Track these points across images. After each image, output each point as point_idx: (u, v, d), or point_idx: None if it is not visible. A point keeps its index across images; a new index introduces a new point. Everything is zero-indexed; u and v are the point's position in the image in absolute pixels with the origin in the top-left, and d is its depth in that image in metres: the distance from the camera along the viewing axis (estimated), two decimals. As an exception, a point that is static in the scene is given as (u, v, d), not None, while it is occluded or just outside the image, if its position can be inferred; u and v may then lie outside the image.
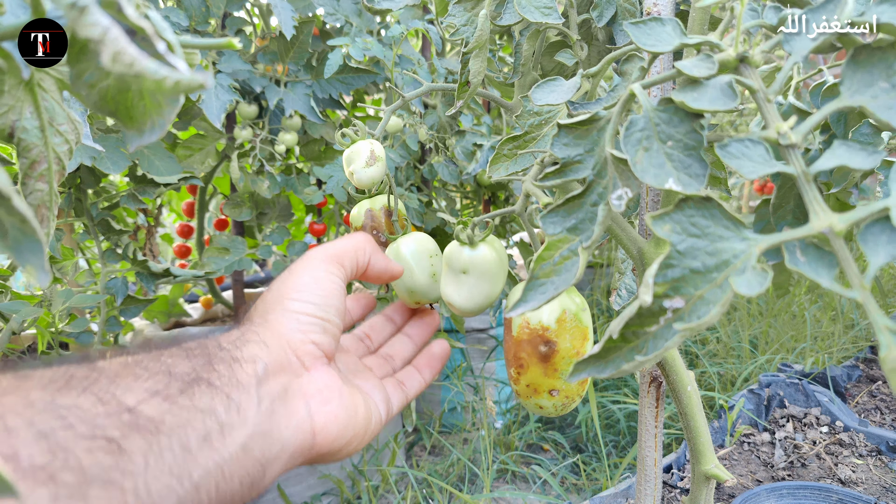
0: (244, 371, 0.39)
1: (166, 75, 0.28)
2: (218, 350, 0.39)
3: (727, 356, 2.16)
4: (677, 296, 0.27)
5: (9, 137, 0.44)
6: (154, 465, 0.31)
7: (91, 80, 0.31)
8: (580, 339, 0.49)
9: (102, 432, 0.30)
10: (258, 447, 0.38)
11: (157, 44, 0.28)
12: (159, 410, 0.33)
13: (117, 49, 0.26)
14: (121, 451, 0.30)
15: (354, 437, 0.46)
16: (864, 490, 1.06)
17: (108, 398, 0.31)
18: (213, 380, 0.37)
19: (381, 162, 0.58)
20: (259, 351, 0.41)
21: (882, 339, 0.22)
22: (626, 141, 0.31)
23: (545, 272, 0.35)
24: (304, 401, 0.43)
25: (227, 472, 0.35)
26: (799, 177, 0.27)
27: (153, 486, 0.31)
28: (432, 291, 0.61)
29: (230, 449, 0.36)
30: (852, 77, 0.29)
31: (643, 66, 0.40)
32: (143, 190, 1.48)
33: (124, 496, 0.29)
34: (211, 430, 0.35)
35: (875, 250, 0.23)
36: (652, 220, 0.28)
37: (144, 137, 0.34)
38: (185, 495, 0.32)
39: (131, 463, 0.30)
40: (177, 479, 0.32)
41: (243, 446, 0.36)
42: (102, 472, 0.29)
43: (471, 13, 0.63)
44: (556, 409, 0.51)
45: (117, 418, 0.31)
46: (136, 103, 0.32)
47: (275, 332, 0.43)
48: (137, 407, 0.32)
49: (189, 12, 1.34)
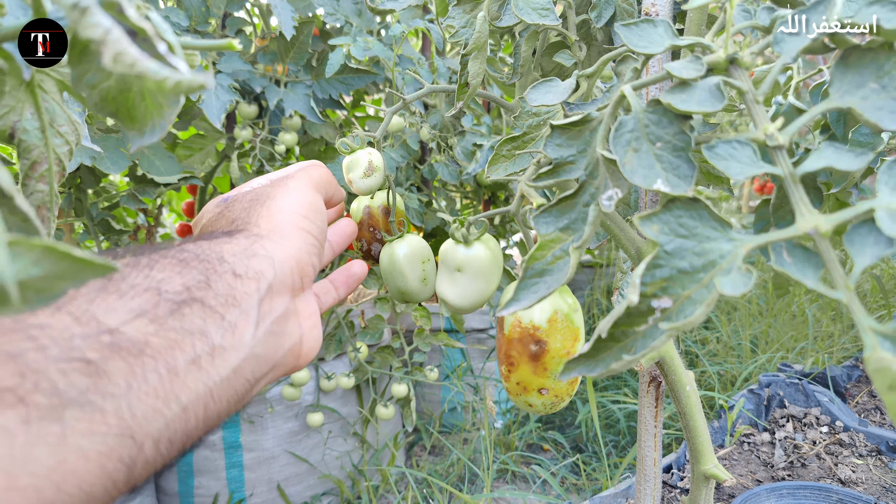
0: (245, 288, 0.36)
1: (167, 76, 0.28)
2: (219, 264, 0.36)
3: (727, 356, 2.16)
4: (665, 295, 0.27)
5: (9, 138, 0.45)
6: (137, 388, 0.29)
7: (92, 82, 0.31)
8: (571, 339, 0.50)
9: (79, 354, 0.28)
10: (250, 369, 0.36)
11: (158, 45, 0.28)
12: (144, 332, 0.31)
13: (119, 50, 0.26)
14: (100, 372, 0.28)
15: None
16: (864, 490, 1.06)
17: (87, 318, 0.29)
18: (207, 299, 0.34)
19: (378, 172, 0.59)
20: (266, 267, 0.39)
21: (866, 340, 0.22)
22: (616, 142, 0.31)
23: (537, 271, 0.35)
24: (299, 323, 0.42)
25: (217, 395, 0.34)
26: (786, 178, 0.27)
27: (137, 408, 0.29)
28: (422, 294, 0.63)
29: (221, 372, 0.34)
30: (842, 78, 0.30)
31: (636, 67, 0.40)
32: (143, 190, 1.48)
33: (105, 417, 0.28)
34: (201, 353, 0.33)
35: (861, 251, 0.23)
36: (640, 220, 0.28)
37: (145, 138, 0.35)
38: (172, 417, 0.31)
39: (112, 385, 0.28)
40: (163, 401, 0.30)
41: (235, 369, 0.35)
42: (79, 394, 0.27)
43: (470, 15, 0.63)
44: (546, 408, 0.52)
45: (96, 339, 0.29)
46: (137, 104, 0.32)
47: (284, 249, 0.41)
48: (120, 328, 0.30)
49: (189, 12, 1.35)
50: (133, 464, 0.29)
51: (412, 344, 1.72)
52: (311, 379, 1.65)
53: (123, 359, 0.29)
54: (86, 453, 0.27)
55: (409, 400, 1.67)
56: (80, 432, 0.27)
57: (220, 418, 0.35)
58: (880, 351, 0.21)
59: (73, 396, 0.27)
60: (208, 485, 1.59)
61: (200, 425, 0.33)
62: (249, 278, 0.37)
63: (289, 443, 1.65)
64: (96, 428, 0.27)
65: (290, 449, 1.65)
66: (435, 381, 1.72)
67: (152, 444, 0.30)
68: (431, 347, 1.97)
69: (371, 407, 1.73)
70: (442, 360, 2.11)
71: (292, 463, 1.66)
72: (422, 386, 2.14)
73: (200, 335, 0.33)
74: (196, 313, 0.33)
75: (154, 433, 0.30)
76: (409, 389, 1.66)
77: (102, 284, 0.31)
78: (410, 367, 1.71)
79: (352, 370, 1.67)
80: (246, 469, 1.61)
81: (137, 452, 0.29)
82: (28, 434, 0.25)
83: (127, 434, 0.29)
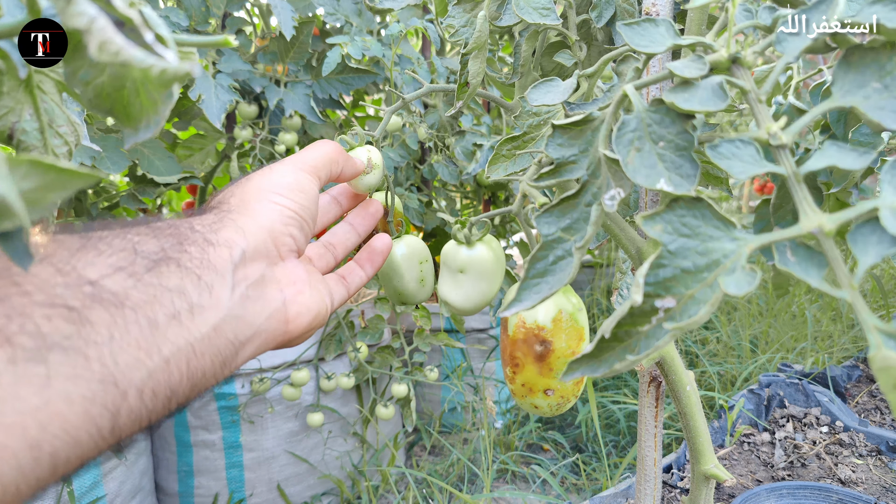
0: (218, 254, 0.38)
1: (153, 64, 0.28)
2: (190, 232, 0.38)
3: (727, 356, 2.16)
4: (668, 295, 0.27)
5: (8, 139, 0.45)
6: (120, 338, 0.30)
7: (86, 78, 0.31)
8: (576, 338, 0.49)
9: (62, 301, 0.29)
10: (231, 329, 0.37)
11: (145, 34, 0.28)
12: (123, 286, 0.32)
13: (104, 38, 0.26)
14: (82, 320, 0.29)
15: (318, 326, 0.47)
16: (864, 490, 1.06)
17: (69, 269, 0.30)
18: (183, 260, 0.35)
19: (378, 169, 0.59)
20: (236, 236, 0.40)
21: (871, 339, 0.22)
22: (618, 141, 0.31)
23: (540, 272, 0.35)
24: (280, 290, 0.43)
25: (199, 350, 0.35)
26: (789, 177, 0.27)
27: (120, 357, 0.30)
28: (419, 295, 0.63)
29: (202, 329, 0.35)
30: (844, 77, 0.30)
31: (638, 66, 0.40)
32: (143, 190, 1.48)
33: (89, 363, 0.29)
34: (180, 309, 0.34)
35: (865, 250, 0.23)
36: (643, 220, 0.28)
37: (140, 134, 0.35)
38: (154, 368, 0.32)
39: (95, 333, 0.29)
40: (145, 352, 0.31)
41: (215, 327, 0.36)
42: (63, 338, 0.28)
43: (470, 14, 0.63)
44: (552, 409, 0.51)
45: (78, 289, 0.30)
46: (131, 100, 0.32)
47: (256, 221, 0.43)
48: (100, 281, 0.31)
49: (189, 12, 1.35)
50: (117, 411, 0.30)
51: (412, 344, 1.72)
52: (311, 379, 1.65)
53: (105, 309, 0.30)
54: (70, 396, 0.28)
55: (409, 400, 1.67)
56: (64, 376, 0.28)
57: (207, 379, 0.36)
58: (885, 350, 0.21)
59: (56, 340, 0.28)
60: (208, 485, 1.59)
61: (185, 381, 0.34)
62: (221, 245, 0.38)
63: (289, 443, 1.65)
64: (80, 373, 0.28)
65: (290, 449, 1.65)
66: (435, 381, 1.72)
67: (136, 394, 0.31)
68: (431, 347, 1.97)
69: (371, 407, 1.73)
70: (442, 360, 2.11)
71: (292, 463, 1.66)
72: (422, 386, 2.14)
73: (179, 292, 0.34)
74: (173, 272, 0.34)
75: (137, 382, 0.31)
76: (409, 389, 1.66)
77: (81, 243, 0.32)
78: (410, 367, 1.71)
79: (352, 370, 1.67)
80: (246, 469, 1.61)
81: (121, 400, 0.30)
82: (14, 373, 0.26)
83: (110, 381, 0.29)
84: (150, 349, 0.32)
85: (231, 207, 0.43)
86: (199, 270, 0.36)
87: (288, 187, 0.46)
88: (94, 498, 1.32)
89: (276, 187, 0.45)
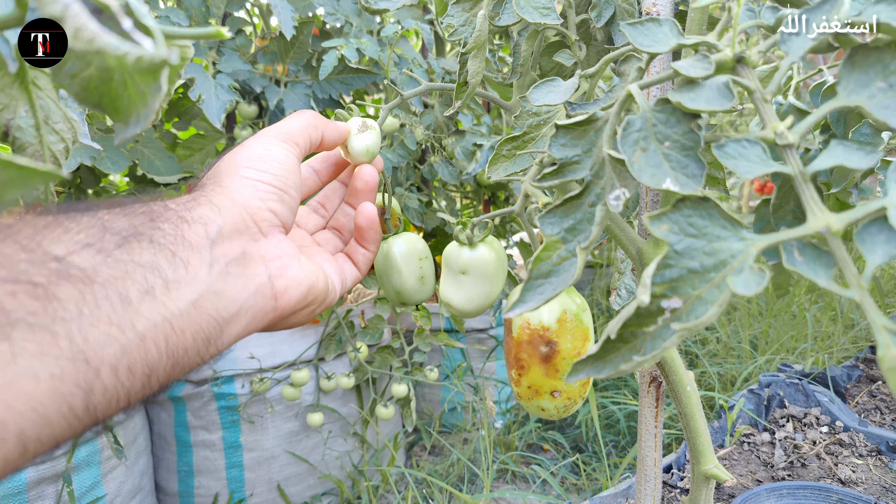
0: (193, 231, 0.37)
1: (128, 51, 0.27)
2: (164, 210, 0.37)
3: (727, 356, 2.16)
4: (675, 296, 0.27)
5: (3, 136, 0.44)
6: (89, 314, 0.29)
7: (72, 71, 0.30)
8: (581, 339, 0.49)
9: (27, 277, 0.28)
10: (212, 305, 0.36)
11: (123, 21, 0.28)
12: (92, 262, 0.31)
13: (77, 25, 0.26)
14: (49, 296, 0.28)
15: (314, 301, 0.46)
16: (864, 490, 1.06)
17: (33, 246, 0.29)
18: (156, 237, 0.34)
19: (373, 130, 0.56)
20: (211, 213, 0.39)
21: (880, 339, 0.22)
22: (624, 141, 0.31)
23: (543, 272, 0.35)
24: (264, 265, 0.42)
25: (178, 327, 0.34)
26: (796, 177, 0.27)
27: (90, 333, 0.29)
28: (420, 294, 0.61)
29: (179, 305, 0.34)
30: (849, 77, 0.30)
31: (641, 66, 0.40)
32: (142, 190, 1.48)
33: (56, 340, 0.28)
34: (154, 284, 0.33)
35: (873, 249, 0.23)
36: (650, 220, 0.28)
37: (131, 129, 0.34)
38: (128, 344, 0.31)
39: (62, 309, 0.28)
40: (117, 328, 0.30)
41: (194, 303, 0.35)
42: (28, 314, 0.27)
43: (469, 14, 0.63)
44: (559, 411, 0.51)
45: (43, 266, 0.29)
46: (119, 93, 0.32)
47: (230, 198, 0.42)
48: (67, 257, 0.30)
49: (189, 12, 1.35)
50: (90, 389, 0.29)
51: (412, 344, 1.71)
52: (311, 379, 1.65)
53: (73, 285, 0.29)
54: (36, 374, 0.27)
55: (409, 400, 1.67)
56: (29, 353, 0.27)
57: (190, 357, 0.35)
58: (893, 350, 0.21)
59: (20, 316, 0.27)
60: (208, 485, 1.59)
61: (164, 358, 0.33)
62: (197, 222, 0.38)
63: (289, 443, 1.65)
64: (47, 349, 0.27)
65: (290, 449, 1.64)
66: (435, 381, 1.72)
67: (110, 371, 0.30)
68: (431, 347, 1.97)
69: (371, 407, 1.72)
70: (442, 360, 2.11)
71: (292, 463, 1.66)
72: (422, 386, 2.14)
73: (152, 268, 0.33)
74: (145, 248, 0.33)
75: (110, 359, 0.30)
76: (409, 389, 1.66)
77: (47, 222, 0.31)
78: (410, 367, 1.70)
79: (352, 370, 1.67)
80: (246, 469, 1.60)
81: (94, 378, 0.29)
82: None
83: (80, 358, 0.28)
84: (122, 325, 0.30)
85: (206, 186, 0.43)
86: (174, 247, 0.35)
87: (260, 159, 0.45)
88: (94, 498, 1.32)
89: (248, 161, 0.44)
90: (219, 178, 0.44)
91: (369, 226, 0.55)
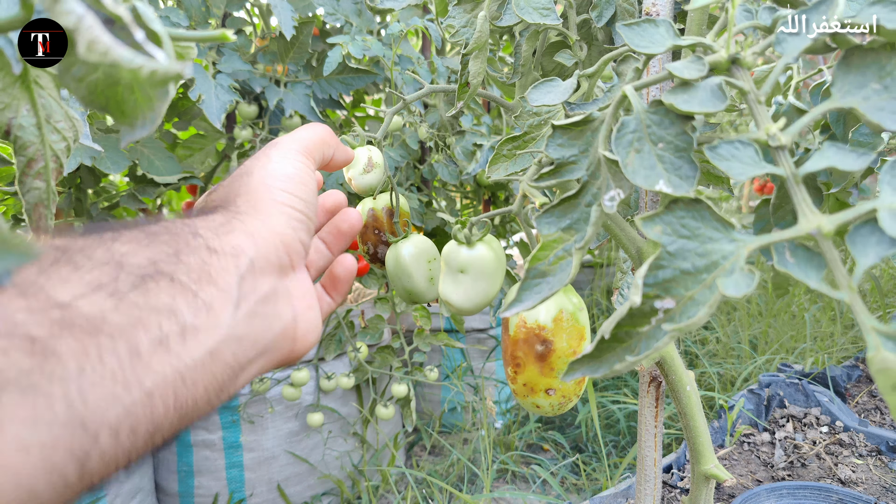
0: (222, 265, 0.33)
1: (142, 64, 0.27)
2: (191, 237, 0.33)
3: (727, 356, 2.16)
4: (668, 296, 0.27)
5: (5, 135, 0.44)
6: (91, 372, 0.26)
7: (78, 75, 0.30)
8: (577, 338, 0.49)
9: (23, 330, 0.24)
10: (230, 352, 0.33)
11: (136, 33, 0.27)
12: (101, 308, 0.27)
13: (91, 38, 0.25)
14: (46, 352, 0.25)
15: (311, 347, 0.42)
16: (864, 490, 1.06)
17: (34, 291, 0.26)
18: (178, 274, 0.31)
19: (378, 168, 0.59)
20: (245, 243, 0.35)
21: (869, 340, 0.22)
22: (618, 142, 0.31)
23: (540, 272, 0.35)
24: (290, 304, 0.38)
25: (190, 379, 0.30)
26: (788, 178, 0.27)
27: (91, 394, 0.25)
28: (429, 294, 0.63)
29: (194, 354, 0.30)
30: (844, 78, 0.30)
31: (638, 67, 0.40)
32: (143, 190, 1.48)
33: (51, 404, 0.24)
34: (169, 332, 0.29)
35: (864, 251, 0.23)
36: (642, 221, 0.28)
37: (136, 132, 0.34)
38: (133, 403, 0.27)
39: (61, 367, 0.25)
40: (122, 386, 0.27)
41: (212, 352, 0.31)
42: (20, 375, 0.24)
43: (470, 15, 0.63)
44: (553, 409, 0.51)
45: (44, 315, 0.25)
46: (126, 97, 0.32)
47: (266, 224, 0.37)
48: (73, 303, 0.26)
49: (189, 12, 1.35)
50: (86, 456, 0.26)
51: (412, 344, 1.72)
52: (311, 379, 1.65)
53: (76, 337, 0.26)
54: (26, 445, 0.24)
55: (409, 400, 1.67)
56: (19, 420, 0.23)
57: (199, 408, 0.31)
58: (883, 351, 0.21)
59: (11, 377, 0.23)
60: (208, 485, 1.59)
61: (171, 413, 0.29)
62: (227, 254, 0.34)
63: (289, 443, 1.65)
64: (40, 415, 0.24)
65: (290, 449, 1.65)
66: (435, 381, 1.72)
67: (110, 434, 0.26)
68: (431, 347, 1.97)
69: (371, 407, 1.73)
70: (442, 360, 2.11)
71: (292, 463, 1.66)
72: (422, 386, 2.14)
73: (169, 313, 0.29)
74: (163, 289, 0.30)
75: (112, 421, 0.26)
76: (409, 389, 1.66)
77: (56, 257, 0.28)
78: (410, 367, 1.71)
79: (352, 370, 1.67)
80: (246, 469, 1.61)
81: (91, 444, 0.26)
82: None
83: (77, 423, 0.25)
84: (128, 383, 0.27)
85: (239, 205, 0.38)
86: (197, 286, 0.31)
87: (290, 180, 0.41)
88: (94, 498, 1.32)
89: (279, 181, 0.40)
90: (253, 198, 0.39)
91: (346, 278, 0.50)
